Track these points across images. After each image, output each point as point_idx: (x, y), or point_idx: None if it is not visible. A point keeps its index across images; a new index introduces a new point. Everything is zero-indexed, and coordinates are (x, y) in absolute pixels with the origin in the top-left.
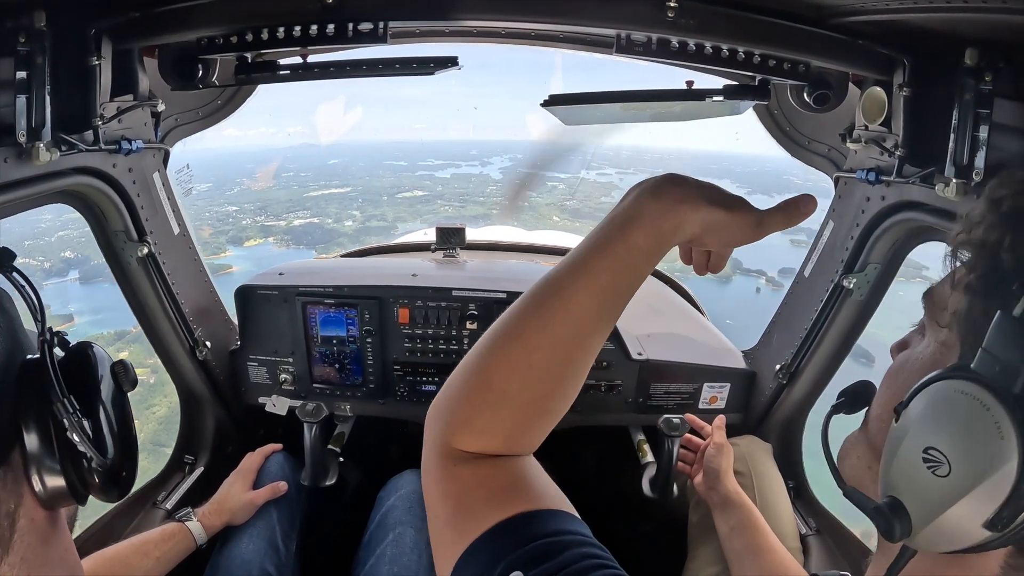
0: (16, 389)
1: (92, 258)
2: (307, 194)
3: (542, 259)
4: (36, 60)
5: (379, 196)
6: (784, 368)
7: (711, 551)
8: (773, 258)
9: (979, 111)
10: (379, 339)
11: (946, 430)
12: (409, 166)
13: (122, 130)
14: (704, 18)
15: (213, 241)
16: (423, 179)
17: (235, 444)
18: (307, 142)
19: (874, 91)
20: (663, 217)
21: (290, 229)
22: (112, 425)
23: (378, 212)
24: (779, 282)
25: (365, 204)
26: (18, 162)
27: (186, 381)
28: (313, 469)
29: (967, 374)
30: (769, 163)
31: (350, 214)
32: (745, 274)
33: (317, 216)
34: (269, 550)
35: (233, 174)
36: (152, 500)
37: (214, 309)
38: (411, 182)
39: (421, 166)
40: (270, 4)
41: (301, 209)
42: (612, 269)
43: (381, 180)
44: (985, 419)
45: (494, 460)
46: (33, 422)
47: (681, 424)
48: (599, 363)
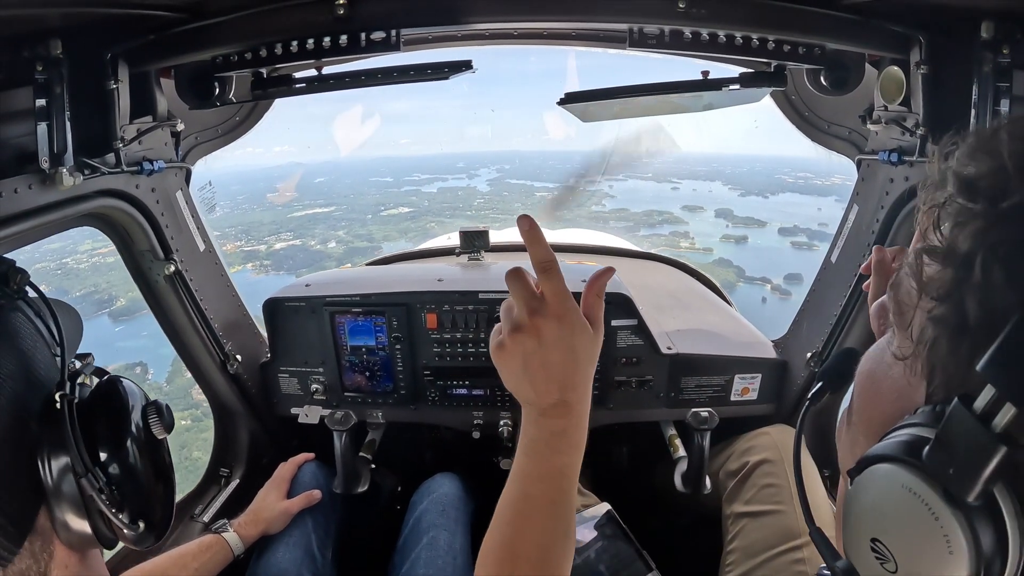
0: (37, 440)
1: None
2: (291, 215)
3: (567, 257)
4: (54, 87)
5: (364, 215)
6: (815, 356)
7: (747, 545)
8: (776, 263)
9: (999, 84)
10: (408, 345)
11: (892, 528)
12: (395, 182)
13: (143, 151)
14: (716, 6)
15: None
16: (409, 195)
17: (269, 455)
18: (294, 161)
19: (891, 71)
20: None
21: (271, 253)
22: (140, 475)
23: (364, 231)
24: (786, 290)
25: (351, 224)
26: (42, 188)
27: (219, 395)
28: (345, 476)
29: (918, 464)
30: (759, 163)
31: (334, 235)
32: (749, 282)
33: (300, 238)
34: (306, 558)
35: (217, 197)
36: (189, 513)
37: (243, 323)
38: (397, 198)
39: (407, 181)
40: (283, 19)
41: (284, 231)
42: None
43: (366, 198)
44: (933, 529)
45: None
46: (55, 483)
47: (710, 417)
48: (629, 359)
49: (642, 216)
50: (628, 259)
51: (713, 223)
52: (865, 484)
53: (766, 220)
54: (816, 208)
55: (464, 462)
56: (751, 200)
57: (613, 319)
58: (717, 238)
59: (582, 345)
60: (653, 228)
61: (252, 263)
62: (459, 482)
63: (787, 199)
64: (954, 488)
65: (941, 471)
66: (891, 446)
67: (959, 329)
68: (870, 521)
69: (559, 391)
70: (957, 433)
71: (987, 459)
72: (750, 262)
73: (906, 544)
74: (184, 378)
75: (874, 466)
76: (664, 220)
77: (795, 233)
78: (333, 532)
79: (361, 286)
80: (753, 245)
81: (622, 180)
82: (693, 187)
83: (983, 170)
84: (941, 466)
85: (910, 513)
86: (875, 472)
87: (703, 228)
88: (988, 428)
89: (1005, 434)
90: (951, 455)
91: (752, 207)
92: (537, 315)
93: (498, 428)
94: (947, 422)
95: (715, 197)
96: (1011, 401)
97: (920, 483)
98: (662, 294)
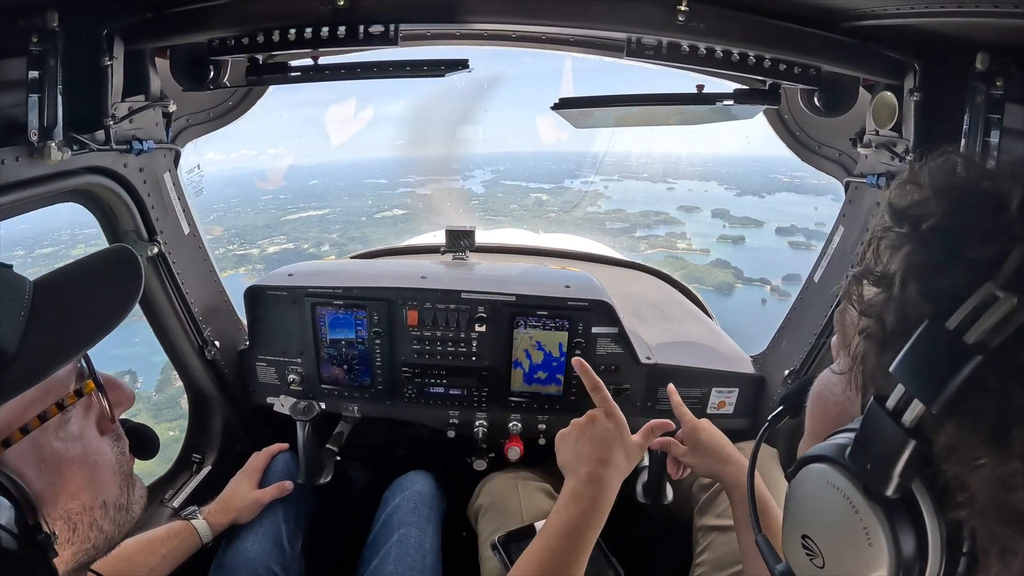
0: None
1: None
2: (284, 218)
3: (552, 262)
4: (48, 60)
5: (358, 217)
6: (793, 373)
7: (716, 558)
8: (775, 264)
9: (990, 116)
10: (387, 341)
11: (819, 524)
12: (389, 184)
13: (133, 130)
14: (715, 21)
15: None
16: (403, 196)
17: (243, 443)
18: (290, 163)
19: (885, 95)
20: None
21: (263, 257)
22: None
23: (358, 234)
24: (785, 291)
25: (345, 226)
26: (30, 161)
27: (195, 380)
28: (308, 467)
29: (842, 462)
30: (755, 163)
31: (328, 238)
32: (747, 284)
33: (293, 241)
34: (275, 549)
35: (211, 200)
36: (159, 498)
37: (223, 309)
38: (391, 200)
39: (402, 183)
40: (282, 6)
41: (278, 235)
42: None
43: (360, 200)
44: (853, 522)
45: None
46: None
47: None
48: (608, 367)
49: (638, 217)
50: (611, 267)
51: (710, 223)
52: (798, 484)
53: (763, 220)
54: (812, 207)
55: (438, 461)
56: (747, 200)
57: (594, 326)
58: (714, 238)
59: (620, 440)
60: (649, 229)
61: (244, 267)
62: (432, 480)
63: (783, 198)
64: (871, 483)
65: (861, 467)
66: (821, 447)
67: (882, 341)
68: (801, 518)
69: (595, 464)
70: (873, 431)
71: (899, 453)
72: (748, 263)
73: (830, 538)
74: (174, 387)
75: (807, 466)
76: (660, 220)
77: (792, 233)
78: (303, 524)
79: (344, 279)
80: (751, 245)
81: (617, 180)
82: (689, 187)
83: (911, 200)
84: (861, 463)
85: (833, 508)
86: (807, 472)
87: (700, 228)
88: (899, 424)
89: (915, 429)
90: (869, 451)
91: (749, 207)
92: (596, 410)
93: (473, 428)
94: (864, 422)
95: (711, 197)
96: (918, 397)
97: (842, 479)
98: (644, 304)
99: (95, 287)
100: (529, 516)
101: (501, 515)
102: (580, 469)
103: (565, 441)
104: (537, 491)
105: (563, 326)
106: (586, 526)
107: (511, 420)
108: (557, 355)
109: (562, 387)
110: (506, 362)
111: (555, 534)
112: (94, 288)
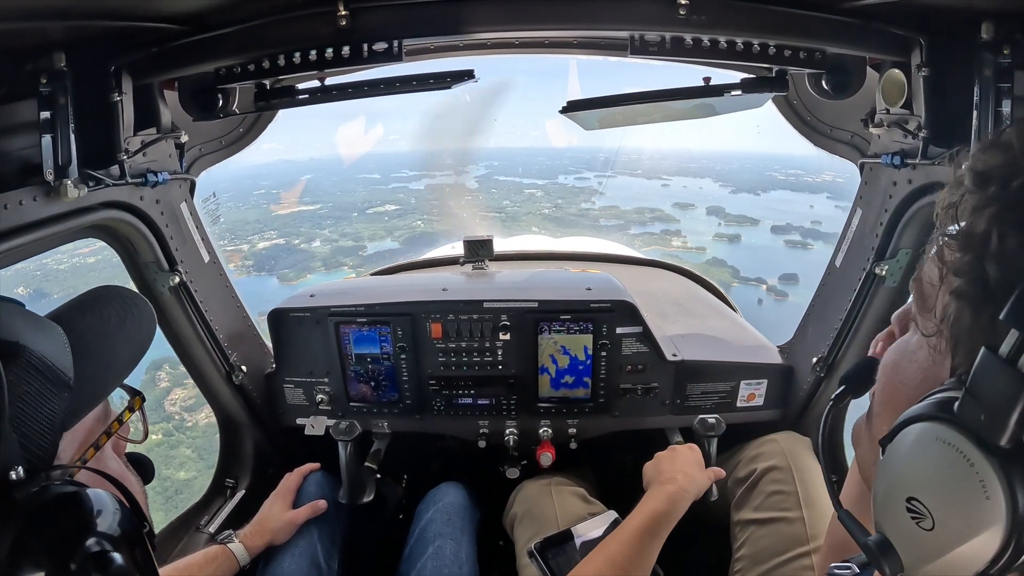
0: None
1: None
2: (276, 213)
3: (571, 266)
4: (59, 100)
5: (350, 212)
6: (821, 361)
7: (755, 552)
8: (771, 262)
9: (1000, 85)
10: (413, 355)
11: (928, 482)
12: (382, 179)
13: (147, 163)
14: (716, 12)
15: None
16: (396, 192)
17: (274, 466)
18: (282, 158)
19: (892, 73)
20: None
21: (253, 253)
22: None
23: (350, 230)
24: (782, 291)
25: (336, 222)
26: (47, 200)
27: (224, 406)
28: (350, 487)
29: (950, 418)
30: (749, 160)
31: (320, 233)
32: (743, 283)
33: (284, 237)
34: (311, 568)
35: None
36: (195, 524)
37: (248, 333)
38: (383, 196)
39: (395, 178)
40: (284, 30)
41: (268, 230)
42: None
43: (352, 195)
44: (969, 476)
45: None
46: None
47: (717, 424)
48: (635, 366)
49: (633, 214)
50: (632, 266)
51: (705, 221)
52: (899, 447)
53: (759, 218)
54: (808, 205)
55: (470, 471)
56: (743, 197)
57: (618, 327)
58: (710, 236)
59: (700, 464)
60: (644, 226)
61: (233, 263)
62: (465, 491)
63: (779, 196)
64: (986, 433)
65: (972, 419)
66: (921, 407)
67: (980, 298)
68: (905, 482)
69: (683, 477)
70: (985, 381)
71: (1016, 400)
72: (744, 262)
73: (943, 496)
74: (158, 388)
75: (906, 428)
76: (655, 218)
77: (788, 231)
78: (339, 542)
79: (365, 296)
80: (746, 244)
81: (611, 176)
82: (683, 184)
83: (995, 162)
84: (972, 415)
85: (945, 464)
86: (908, 433)
87: (695, 226)
88: (1015, 369)
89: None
90: (981, 403)
91: (744, 204)
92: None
93: (504, 437)
94: (975, 374)
95: (706, 194)
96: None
97: (953, 433)
98: (666, 301)
99: (110, 315)
100: (564, 521)
101: (536, 522)
102: (673, 478)
103: (655, 461)
104: (571, 496)
105: (587, 329)
106: (661, 527)
107: (541, 426)
108: (583, 358)
109: (590, 390)
110: (532, 369)
111: (634, 532)
112: (109, 316)
